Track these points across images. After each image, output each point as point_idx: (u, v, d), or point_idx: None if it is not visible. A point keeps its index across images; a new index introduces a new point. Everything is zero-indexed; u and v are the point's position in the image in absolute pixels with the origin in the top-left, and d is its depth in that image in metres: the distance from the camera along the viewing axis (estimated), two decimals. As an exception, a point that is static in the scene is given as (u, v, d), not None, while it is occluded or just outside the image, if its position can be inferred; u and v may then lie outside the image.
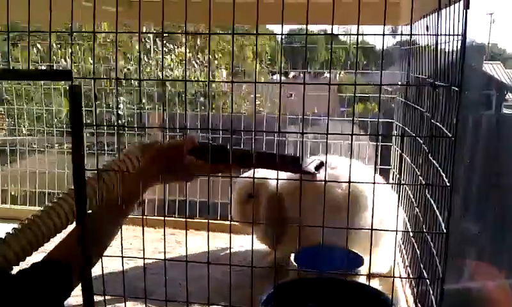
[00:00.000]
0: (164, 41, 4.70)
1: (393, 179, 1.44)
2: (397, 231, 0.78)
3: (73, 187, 0.93)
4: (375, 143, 1.62)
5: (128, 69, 4.50)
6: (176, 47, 5.13)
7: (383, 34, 0.73)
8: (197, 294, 1.11)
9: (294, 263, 1.17)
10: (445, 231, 0.77)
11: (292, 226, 1.23)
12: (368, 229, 0.79)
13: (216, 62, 5.04)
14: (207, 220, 1.68)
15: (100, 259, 0.90)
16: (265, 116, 1.71)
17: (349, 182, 0.78)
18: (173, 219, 1.68)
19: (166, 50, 5.01)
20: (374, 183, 0.77)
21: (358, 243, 1.17)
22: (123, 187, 1.00)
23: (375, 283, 1.22)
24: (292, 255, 1.19)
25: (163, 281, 1.24)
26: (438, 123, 0.85)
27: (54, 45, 3.89)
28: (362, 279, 1.18)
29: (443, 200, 0.80)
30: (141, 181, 0.97)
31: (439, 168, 0.82)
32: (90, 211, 1.02)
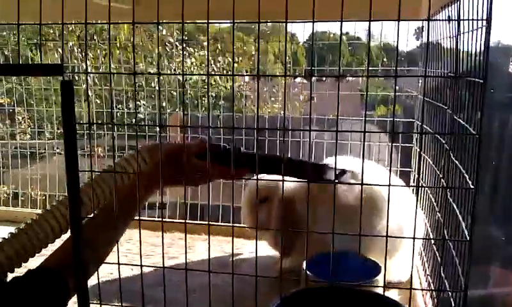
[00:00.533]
0: (184, 45, 4.69)
1: (413, 182, 1.36)
2: (414, 238, 0.70)
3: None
4: (396, 144, 1.55)
5: (149, 72, 4.50)
6: (196, 50, 5.12)
7: (398, 20, 0.66)
8: (201, 302, 1.06)
9: (307, 271, 1.11)
10: (468, 238, 0.70)
11: (304, 233, 1.16)
12: (384, 236, 0.73)
13: (236, 66, 5.01)
14: (222, 225, 1.63)
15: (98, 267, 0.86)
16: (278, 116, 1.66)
17: (362, 184, 0.71)
18: (183, 222, 1.63)
19: (187, 53, 5.01)
20: (389, 185, 0.70)
21: (375, 250, 1.11)
22: (128, 190, 0.96)
23: (393, 293, 1.15)
24: (304, 263, 1.13)
25: (172, 288, 1.20)
26: (460, 120, 0.78)
27: (75, 49, 3.91)
28: (380, 289, 1.11)
29: (467, 204, 0.73)
30: (147, 184, 0.93)
31: (462, 169, 0.75)
32: (90, 215, 0.98)
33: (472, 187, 0.69)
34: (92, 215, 0.98)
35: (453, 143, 0.85)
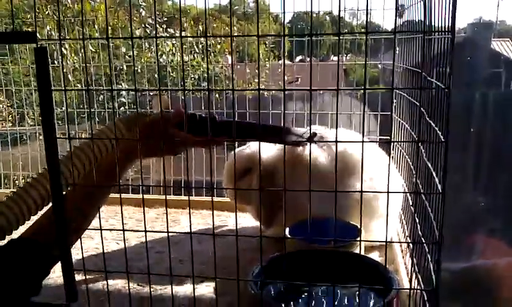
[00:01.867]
0: (164, 26, 4.64)
1: (393, 150, 1.38)
2: (388, 192, 0.72)
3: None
4: (375, 113, 1.57)
5: (130, 55, 4.45)
6: (177, 31, 5.07)
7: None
8: (188, 270, 1.08)
9: (289, 236, 1.13)
10: (440, 191, 0.72)
11: (286, 200, 1.18)
12: (358, 191, 0.74)
13: (218, 47, 4.98)
14: (205, 199, 1.64)
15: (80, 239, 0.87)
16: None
17: (336, 142, 0.73)
18: (169, 197, 1.64)
19: (167, 35, 4.96)
20: (362, 141, 0.71)
21: (355, 214, 1.13)
22: (107, 161, 0.97)
23: (374, 254, 1.18)
24: (287, 229, 1.15)
25: (160, 258, 1.22)
26: (431, 78, 0.79)
27: (54, 33, 3.86)
28: (361, 251, 1.14)
29: (440, 159, 0.75)
30: (126, 155, 0.94)
31: (432, 124, 0.77)
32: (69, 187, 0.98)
33: (443, 140, 0.70)
34: (72, 186, 0.99)
35: (425, 102, 0.87)
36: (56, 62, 3.13)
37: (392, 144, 1.39)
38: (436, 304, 0.76)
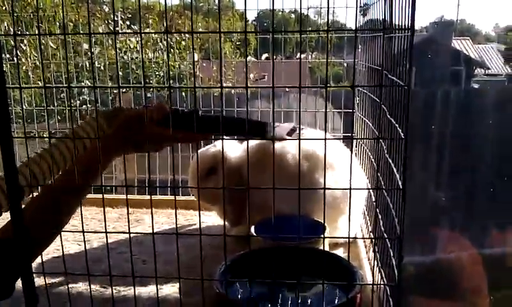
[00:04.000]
0: (128, 23, 4.57)
1: (356, 147, 1.40)
2: (351, 189, 0.73)
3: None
4: (338, 110, 1.58)
5: (92, 53, 4.36)
6: (143, 27, 4.99)
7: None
8: (151, 270, 1.06)
9: (255, 234, 1.13)
10: (401, 187, 0.73)
11: (252, 199, 1.18)
12: (321, 188, 0.75)
13: (183, 43, 4.93)
14: (170, 198, 1.62)
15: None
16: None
17: (299, 139, 0.73)
18: (132, 197, 1.61)
19: (131, 31, 4.88)
20: (325, 138, 0.72)
21: (320, 211, 1.14)
22: (86, 157, 0.94)
23: (339, 251, 1.19)
24: (253, 226, 1.15)
25: (123, 259, 1.20)
26: (392, 76, 0.80)
27: (11, 28, 3.74)
28: (326, 247, 1.15)
29: (400, 155, 0.76)
30: (106, 150, 0.91)
31: (392, 121, 0.78)
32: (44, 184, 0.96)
33: (402, 137, 0.72)
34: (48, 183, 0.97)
35: (387, 99, 0.88)
36: (14, 59, 3.04)
37: (356, 141, 1.41)
38: (399, 299, 0.77)
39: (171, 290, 1.06)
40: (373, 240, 0.80)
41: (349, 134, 1.47)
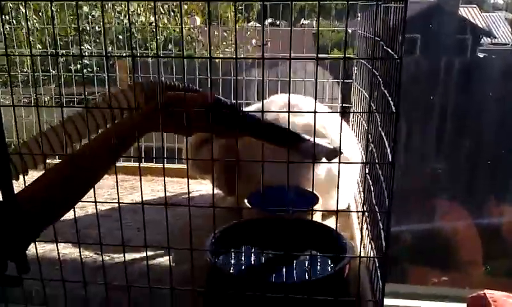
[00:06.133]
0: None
1: (353, 118, 1.39)
2: (340, 163, 0.73)
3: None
4: (337, 80, 1.56)
5: (93, 16, 4.31)
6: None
7: None
8: (150, 240, 1.07)
9: (248, 204, 1.14)
10: (390, 160, 0.73)
11: (245, 170, 1.18)
12: (310, 162, 0.74)
13: (185, 7, 4.87)
14: (166, 166, 1.62)
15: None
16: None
17: (288, 112, 0.72)
18: (129, 164, 1.61)
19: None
20: (314, 112, 0.71)
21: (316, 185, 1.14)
22: (120, 128, 0.93)
23: (331, 221, 1.20)
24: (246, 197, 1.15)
25: (117, 226, 1.20)
26: (385, 46, 0.79)
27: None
28: (318, 218, 1.15)
29: (392, 129, 0.75)
30: (142, 126, 0.89)
31: (386, 93, 0.77)
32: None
33: (394, 110, 0.71)
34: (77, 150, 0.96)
35: (382, 71, 0.87)
36: (14, 21, 3.01)
37: (351, 113, 1.40)
38: (385, 270, 0.78)
39: (164, 257, 1.07)
40: (363, 213, 0.80)
41: (348, 105, 1.46)
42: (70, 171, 0.85)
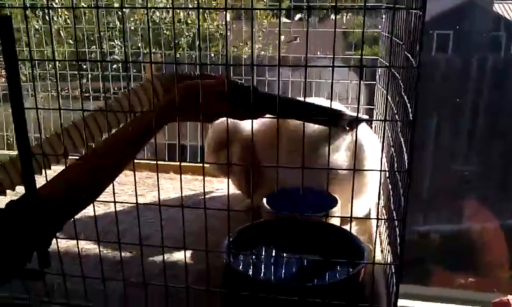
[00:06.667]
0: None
1: (376, 117, 1.38)
2: (354, 170, 0.72)
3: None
4: (367, 82, 1.55)
5: (124, 11, 4.36)
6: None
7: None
8: (169, 237, 1.10)
9: (266, 206, 1.14)
10: (407, 168, 0.72)
11: (265, 173, 1.19)
12: (326, 168, 0.74)
13: (214, 3, 4.88)
14: (189, 164, 1.64)
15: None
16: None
17: (303, 119, 0.73)
18: (153, 162, 1.64)
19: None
20: (329, 119, 0.71)
21: (335, 184, 1.14)
22: (141, 120, 0.93)
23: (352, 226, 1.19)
24: (265, 198, 1.16)
25: (134, 223, 1.23)
26: (406, 52, 0.78)
27: None
28: (337, 220, 1.15)
29: (407, 136, 0.75)
30: (162, 116, 0.90)
31: (406, 100, 0.76)
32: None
33: (411, 118, 0.70)
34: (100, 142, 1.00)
35: (403, 76, 0.86)
36: (46, 17, 3.08)
37: (375, 114, 1.38)
38: (399, 278, 0.77)
39: (182, 255, 1.09)
40: (377, 220, 0.79)
41: (371, 107, 1.45)
42: (91, 164, 0.87)
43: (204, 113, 0.90)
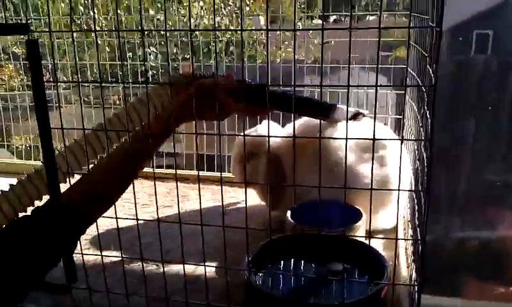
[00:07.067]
0: (191, -11, 4.60)
1: (403, 130, 1.35)
2: (371, 189, 0.71)
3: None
4: (398, 92, 1.52)
5: (158, 19, 4.44)
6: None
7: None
8: (193, 252, 1.11)
9: (290, 219, 1.14)
10: (421, 188, 0.71)
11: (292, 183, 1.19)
12: (368, 189, 0.73)
13: (247, 9, 4.91)
14: (215, 174, 1.65)
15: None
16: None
17: (346, 138, 0.72)
18: (180, 172, 1.67)
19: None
20: (346, 138, 0.70)
21: (360, 198, 1.13)
22: (156, 122, 0.94)
23: (377, 241, 1.18)
24: (289, 211, 1.16)
25: (163, 235, 1.24)
26: (428, 66, 0.77)
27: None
28: (362, 233, 1.13)
29: (426, 158, 0.73)
30: (174, 119, 0.92)
31: (429, 119, 0.75)
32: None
33: (423, 138, 0.69)
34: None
35: (425, 94, 0.85)
36: (84, 26, 3.18)
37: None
38: (419, 299, 0.76)
39: (206, 269, 1.10)
40: (396, 240, 0.78)
41: (399, 117, 1.42)
42: (110, 167, 0.90)
43: (216, 111, 0.90)
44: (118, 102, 2.82)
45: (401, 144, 0.67)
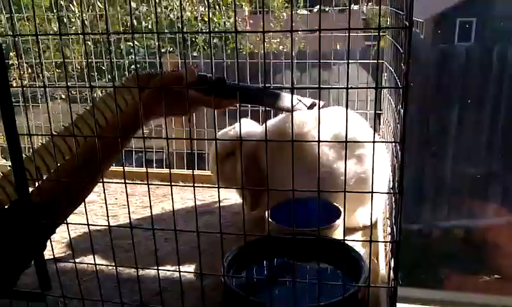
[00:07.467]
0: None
1: (383, 124, 1.35)
2: (345, 192, 0.71)
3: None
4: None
5: (139, 11, 4.38)
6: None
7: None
8: (172, 253, 1.11)
9: (270, 219, 1.13)
10: (396, 190, 0.71)
11: (269, 183, 1.18)
12: (342, 191, 0.72)
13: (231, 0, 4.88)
14: (197, 172, 1.64)
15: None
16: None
17: (319, 141, 0.71)
18: (161, 171, 1.65)
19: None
20: (346, 142, 0.70)
21: (340, 197, 1.12)
22: (124, 118, 0.96)
23: (357, 235, 1.18)
24: (267, 211, 1.15)
25: (145, 236, 1.24)
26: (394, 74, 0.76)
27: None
28: (340, 232, 1.13)
29: (398, 158, 0.73)
30: (140, 115, 0.93)
31: (391, 122, 0.74)
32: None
33: (393, 141, 0.68)
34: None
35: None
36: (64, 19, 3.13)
37: (383, 119, 1.36)
38: (393, 300, 0.76)
39: (187, 270, 1.09)
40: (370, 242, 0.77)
41: (379, 112, 1.42)
42: (76, 165, 0.90)
43: (177, 105, 0.94)
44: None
45: (373, 147, 0.66)
